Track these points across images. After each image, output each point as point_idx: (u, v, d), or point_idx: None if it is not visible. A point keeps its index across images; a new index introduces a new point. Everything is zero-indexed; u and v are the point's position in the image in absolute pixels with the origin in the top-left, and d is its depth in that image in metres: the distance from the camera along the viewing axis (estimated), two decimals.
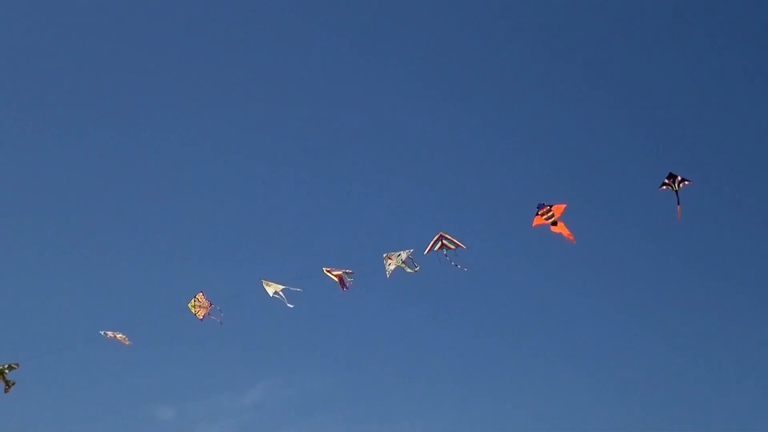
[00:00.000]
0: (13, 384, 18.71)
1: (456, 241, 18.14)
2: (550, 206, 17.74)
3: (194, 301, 18.90)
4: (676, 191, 17.30)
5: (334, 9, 34.07)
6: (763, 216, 31.62)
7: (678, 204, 17.26)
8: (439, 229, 18.18)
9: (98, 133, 32.96)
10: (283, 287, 18.95)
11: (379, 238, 32.02)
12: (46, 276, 31.78)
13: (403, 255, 18.48)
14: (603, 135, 33.67)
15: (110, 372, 27.96)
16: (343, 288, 18.76)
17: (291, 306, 18.92)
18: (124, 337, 18.88)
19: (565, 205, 17.81)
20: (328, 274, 18.74)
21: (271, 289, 18.97)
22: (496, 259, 31.52)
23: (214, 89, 34.54)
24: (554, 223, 17.83)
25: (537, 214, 17.81)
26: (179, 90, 34.17)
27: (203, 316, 18.96)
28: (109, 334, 18.89)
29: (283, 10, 33.97)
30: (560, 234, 17.88)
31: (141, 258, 32.24)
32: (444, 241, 18.15)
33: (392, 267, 18.46)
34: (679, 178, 17.25)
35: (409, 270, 18.53)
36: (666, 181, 17.30)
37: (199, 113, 34.05)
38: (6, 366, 18.64)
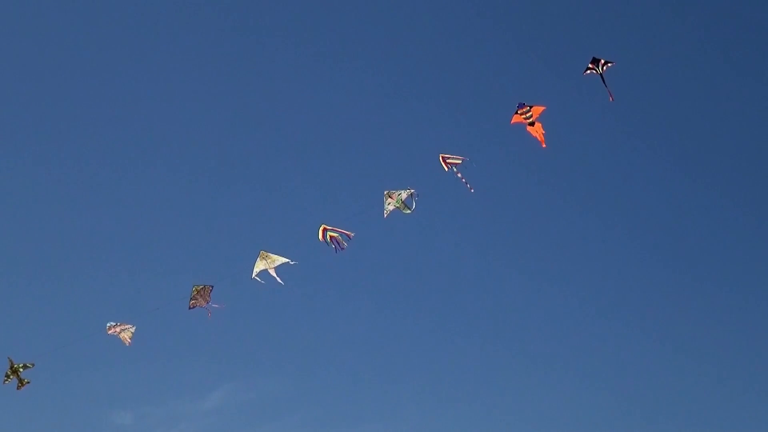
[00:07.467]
0: (27, 382, 18.42)
1: (457, 157, 18.29)
2: (530, 107, 18.23)
3: (201, 289, 18.67)
4: (601, 74, 17.73)
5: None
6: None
7: (606, 86, 17.66)
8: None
9: (98, 134, 33.40)
10: (283, 261, 18.59)
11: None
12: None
13: (404, 194, 18.67)
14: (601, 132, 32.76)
15: (66, 376, 27.21)
16: (338, 248, 18.54)
17: (282, 283, 18.56)
18: (128, 333, 18.37)
19: (544, 107, 18.18)
20: (321, 234, 18.57)
21: (266, 263, 18.55)
22: (477, 258, 31.26)
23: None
24: (531, 124, 18.16)
25: (516, 113, 18.18)
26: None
27: (193, 307, 18.65)
28: (115, 329, 18.52)
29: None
30: (536, 139, 18.15)
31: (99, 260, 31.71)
32: (449, 161, 18.37)
33: (391, 207, 18.53)
34: (603, 60, 17.72)
35: (407, 211, 18.56)
36: (590, 65, 17.78)
37: (188, 109, 34.13)
38: (21, 365, 18.53)
